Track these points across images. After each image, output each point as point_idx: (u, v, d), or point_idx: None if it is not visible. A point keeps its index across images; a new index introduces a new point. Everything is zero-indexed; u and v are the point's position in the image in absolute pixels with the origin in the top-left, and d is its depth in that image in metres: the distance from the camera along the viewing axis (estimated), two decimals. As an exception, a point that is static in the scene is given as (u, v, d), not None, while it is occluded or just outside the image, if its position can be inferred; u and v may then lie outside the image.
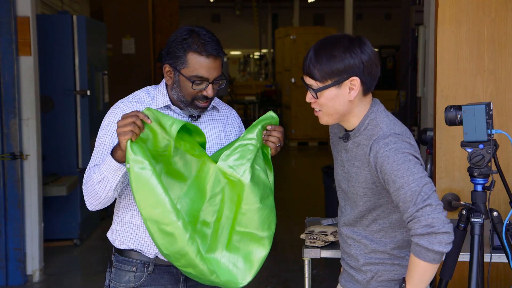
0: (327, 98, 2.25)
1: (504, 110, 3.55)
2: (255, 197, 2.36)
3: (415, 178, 2.14)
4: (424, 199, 2.12)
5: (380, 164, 2.19)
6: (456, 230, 2.54)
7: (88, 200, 2.40)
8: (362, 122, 2.30)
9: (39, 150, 5.56)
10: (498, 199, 3.44)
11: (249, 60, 25.23)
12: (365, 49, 2.23)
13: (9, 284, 5.36)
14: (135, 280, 2.46)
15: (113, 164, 2.28)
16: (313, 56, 2.24)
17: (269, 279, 5.57)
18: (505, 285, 3.51)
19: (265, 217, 2.42)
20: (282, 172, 11.97)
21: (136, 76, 9.90)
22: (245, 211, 2.37)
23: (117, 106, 2.47)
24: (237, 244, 2.40)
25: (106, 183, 2.31)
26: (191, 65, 2.36)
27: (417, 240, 2.12)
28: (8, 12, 5.20)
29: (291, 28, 15.98)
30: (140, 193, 2.21)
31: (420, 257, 2.14)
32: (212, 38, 2.39)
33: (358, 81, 2.23)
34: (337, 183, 2.46)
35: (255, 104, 15.09)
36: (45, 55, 6.27)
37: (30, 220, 5.47)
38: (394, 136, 2.22)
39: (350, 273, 2.44)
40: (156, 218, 2.22)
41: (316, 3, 19.81)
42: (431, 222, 2.10)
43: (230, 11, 24.03)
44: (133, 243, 2.46)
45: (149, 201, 2.21)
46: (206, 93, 2.38)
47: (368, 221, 2.35)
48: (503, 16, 3.54)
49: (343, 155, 2.37)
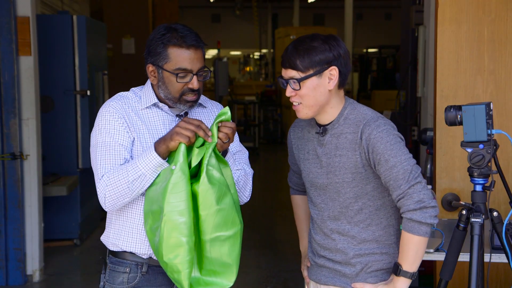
0: (309, 88, 2.37)
1: (504, 110, 3.56)
2: (211, 200, 2.30)
3: (406, 158, 2.32)
4: (415, 177, 2.30)
5: (373, 145, 2.33)
6: (456, 230, 2.54)
7: (111, 201, 2.33)
8: (340, 114, 2.43)
9: (39, 150, 5.56)
10: (498, 199, 3.44)
11: (249, 60, 25.23)
12: (340, 43, 2.40)
13: (9, 284, 5.36)
14: (129, 281, 2.45)
15: (157, 160, 2.26)
16: (293, 49, 2.38)
17: (269, 279, 5.57)
18: (505, 285, 3.51)
19: (226, 216, 2.33)
20: (282, 172, 11.98)
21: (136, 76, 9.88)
22: (205, 218, 2.31)
23: (107, 105, 2.43)
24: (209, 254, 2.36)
25: (142, 180, 2.28)
26: (172, 59, 2.35)
27: (411, 216, 2.29)
28: (8, 12, 5.20)
29: (291, 28, 16.00)
30: (175, 196, 2.24)
31: (414, 232, 2.30)
32: (190, 31, 2.38)
33: (336, 71, 2.37)
34: (310, 182, 2.52)
35: (255, 104, 15.09)
36: (45, 55, 6.27)
37: (30, 220, 5.47)
38: (383, 119, 2.39)
39: (335, 268, 2.48)
40: (177, 225, 2.24)
41: (316, 3, 19.82)
42: (422, 198, 2.29)
43: (230, 11, 24.03)
44: (126, 245, 2.45)
45: (179, 208, 2.24)
46: (192, 85, 2.37)
47: (353, 212, 2.43)
48: (503, 16, 3.54)
49: (318, 151, 2.47)
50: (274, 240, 6.87)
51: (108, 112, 2.41)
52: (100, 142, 2.39)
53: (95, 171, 2.38)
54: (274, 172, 11.88)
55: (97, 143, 2.39)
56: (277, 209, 8.64)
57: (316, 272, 2.56)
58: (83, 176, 6.70)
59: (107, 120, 2.40)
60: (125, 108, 2.42)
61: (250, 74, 23.95)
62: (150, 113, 2.45)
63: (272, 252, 6.37)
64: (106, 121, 2.40)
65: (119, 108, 2.41)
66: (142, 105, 2.45)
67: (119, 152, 2.36)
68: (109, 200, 2.32)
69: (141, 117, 2.43)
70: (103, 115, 2.42)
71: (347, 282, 2.47)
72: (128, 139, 2.38)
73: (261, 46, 24.77)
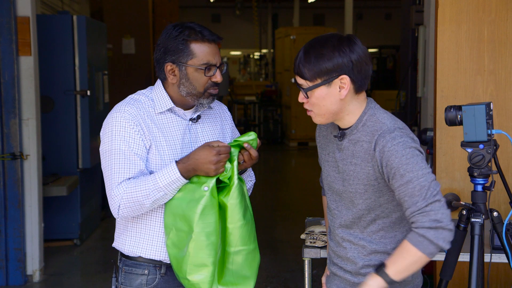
0: (318, 98, 2.25)
1: (504, 110, 3.56)
2: (239, 214, 2.36)
3: (424, 173, 2.14)
4: (433, 194, 2.13)
5: (387, 159, 2.18)
6: (456, 230, 2.54)
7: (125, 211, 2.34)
8: (359, 119, 2.29)
9: (39, 150, 5.56)
10: (498, 199, 3.44)
11: (249, 60, 25.22)
12: (355, 48, 2.23)
13: (9, 284, 5.36)
14: (148, 283, 2.43)
15: (181, 181, 2.29)
16: (302, 56, 2.25)
17: (269, 279, 5.57)
18: (505, 285, 3.51)
19: (249, 230, 2.41)
20: (282, 172, 11.98)
21: (136, 76, 9.88)
22: (231, 230, 2.37)
23: (121, 110, 2.38)
24: (231, 266, 2.41)
25: (163, 199, 2.32)
26: (198, 54, 2.36)
27: (424, 232, 2.11)
28: (8, 12, 5.20)
29: (291, 28, 15.98)
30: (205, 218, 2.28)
31: (420, 248, 2.13)
32: (202, 27, 2.41)
33: (348, 80, 2.22)
34: (328, 185, 2.42)
35: (255, 104, 15.08)
36: (45, 55, 6.26)
37: (30, 220, 5.47)
38: (399, 131, 2.22)
39: (345, 277, 2.40)
40: (206, 247, 2.29)
41: (316, 3, 19.81)
42: (440, 217, 2.11)
43: (230, 11, 24.03)
44: (146, 252, 2.43)
45: (208, 229, 2.29)
46: (216, 79, 2.40)
47: (366, 222, 2.32)
48: (503, 16, 3.54)
49: (337, 155, 2.35)
50: (274, 240, 6.87)
51: (124, 118, 2.36)
52: (114, 149, 2.35)
53: (109, 178, 2.35)
54: (274, 172, 11.87)
55: (111, 150, 2.35)
56: (277, 209, 8.64)
57: (330, 281, 2.50)
58: (83, 176, 6.70)
59: (123, 126, 2.35)
60: (140, 114, 2.38)
61: (250, 75, 23.95)
62: (164, 118, 2.43)
63: (272, 252, 6.36)
64: (122, 128, 2.35)
65: (135, 114, 2.37)
66: (156, 109, 2.42)
67: (135, 162, 2.34)
68: (124, 210, 2.33)
69: (156, 123, 2.40)
70: (117, 120, 2.36)
71: None
72: (144, 148, 2.36)
73: (261, 46, 24.76)
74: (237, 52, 25.99)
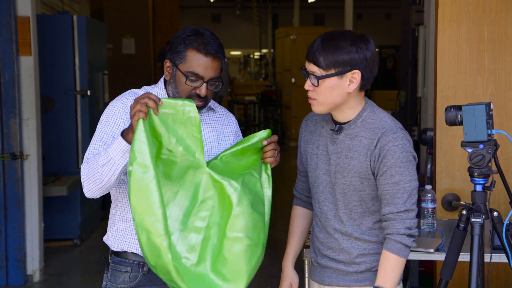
0: (327, 87, 2.32)
1: (504, 110, 3.56)
2: (247, 200, 2.34)
3: (411, 179, 2.33)
4: (412, 203, 2.34)
5: (384, 156, 2.31)
6: (456, 230, 2.54)
7: (87, 186, 2.34)
8: (359, 115, 2.38)
9: (39, 150, 5.56)
10: (498, 199, 3.44)
11: (249, 60, 25.22)
12: (369, 46, 2.33)
13: (9, 284, 5.36)
14: (130, 280, 2.46)
15: (123, 145, 2.23)
16: (320, 44, 2.30)
17: (269, 279, 5.57)
18: (505, 285, 3.51)
19: (257, 224, 2.38)
20: (282, 172, 11.98)
21: (136, 76, 9.89)
22: (238, 214, 2.32)
23: (117, 100, 2.45)
24: (227, 254, 2.33)
25: (111, 165, 2.26)
26: (188, 61, 2.38)
27: (400, 239, 2.32)
28: (8, 12, 5.20)
29: (291, 28, 15.98)
30: (137, 197, 2.18)
31: (401, 254, 2.33)
32: (215, 40, 2.41)
33: (359, 75, 2.32)
34: (315, 177, 2.48)
35: (255, 104, 15.08)
36: (45, 55, 6.26)
37: (30, 220, 5.47)
38: (401, 132, 2.35)
39: (338, 268, 2.46)
40: (148, 227, 2.19)
41: (316, 3, 19.81)
42: (412, 226, 2.34)
43: (230, 11, 24.03)
44: (129, 246, 2.46)
45: (144, 208, 2.18)
46: (199, 92, 2.39)
47: (357, 215, 2.41)
48: (503, 16, 3.54)
49: (330, 148, 2.42)
50: (274, 240, 6.86)
51: (116, 107, 2.42)
52: (98, 131, 2.41)
53: None
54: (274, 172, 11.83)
55: (96, 133, 2.41)
56: (277, 209, 8.64)
57: (320, 273, 2.54)
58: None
59: (112, 114, 2.41)
60: None
61: (250, 75, 23.95)
62: None
63: (272, 252, 6.35)
64: (110, 115, 2.41)
65: (129, 106, 2.38)
66: None
67: (106, 143, 2.35)
68: (86, 185, 2.34)
69: None
70: (110, 109, 2.43)
71: (350, 279, 2.45)
72: None
73: (261, 46, 24.77)
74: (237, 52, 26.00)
